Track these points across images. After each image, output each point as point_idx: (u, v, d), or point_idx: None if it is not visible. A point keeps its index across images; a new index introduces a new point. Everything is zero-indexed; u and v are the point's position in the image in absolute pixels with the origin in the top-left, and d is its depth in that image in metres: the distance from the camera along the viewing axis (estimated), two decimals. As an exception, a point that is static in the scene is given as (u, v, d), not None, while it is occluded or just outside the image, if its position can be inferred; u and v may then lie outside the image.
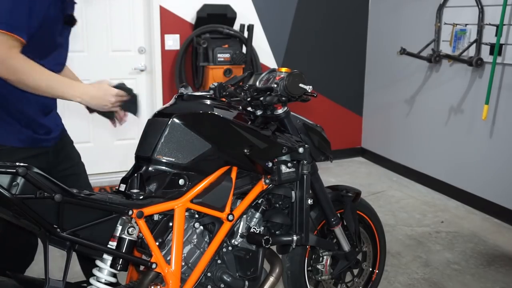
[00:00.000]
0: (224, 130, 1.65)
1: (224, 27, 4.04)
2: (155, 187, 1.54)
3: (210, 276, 1.70)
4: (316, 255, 2.10)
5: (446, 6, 3.93)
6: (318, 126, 1.98)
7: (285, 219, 1.82)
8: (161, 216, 1.58)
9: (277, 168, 1.76)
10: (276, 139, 1.76)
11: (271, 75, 1.83)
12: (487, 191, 3.68)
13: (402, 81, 4.50)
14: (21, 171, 1.25)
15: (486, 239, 3.27)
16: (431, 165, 4.22)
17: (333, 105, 4.89)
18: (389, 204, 3.87)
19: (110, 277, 1.50)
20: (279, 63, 4.56)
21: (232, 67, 3.94)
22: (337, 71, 4.86)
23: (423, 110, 4.29)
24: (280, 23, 4.52)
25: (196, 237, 1.67)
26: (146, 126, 1.64)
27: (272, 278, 1.81)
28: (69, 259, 1.40)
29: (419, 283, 2.70)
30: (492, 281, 2.73)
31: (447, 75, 4.00)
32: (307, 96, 1.79)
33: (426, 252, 3.06)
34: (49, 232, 1.37)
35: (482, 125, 3.68)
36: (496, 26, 3.45)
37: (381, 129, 4.87)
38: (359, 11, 4.84)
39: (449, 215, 3.67)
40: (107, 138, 4.13)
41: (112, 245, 1.48)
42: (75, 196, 1.38)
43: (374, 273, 2.35)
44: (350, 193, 2.14)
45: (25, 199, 1.28)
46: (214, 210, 1.64)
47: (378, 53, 4.82)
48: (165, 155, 1.55)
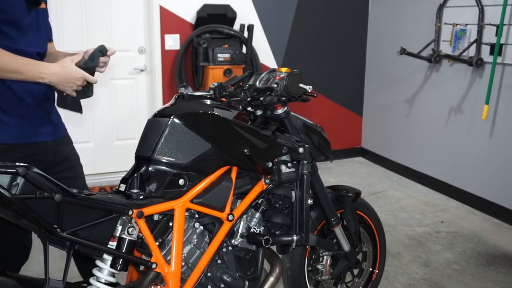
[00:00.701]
0: (224, 130, 1.65)
1: (224, 27, 4.04)
2: (155, 187, 1.54)
3: (210, 276, 1.70)
4: (316, 255, 2.10)
5: (446, 6, 3.93)
6: (318, 126, 1.98)
7: (285, 219, 1.82)
8: (161, 216, 1.58)
9: (277, 168, 1.76)
10: (276, 139, 1.76)
11: (271, 75, 1.83)
12: (487, 191, 3.68)
13: (402, 81, 4.50)
14: (21, 171, 1.25)
15: (486, 239, 3.27)
16: (431, 165, 4.22)
17: (333, 105, 4.89)
18: (389, 204, 3.87)
19: (110, 277, 1.50)
20: (279, 63, 4.56)
21: (232, 67, 3.94)
22: (337, 71, 4.86)
23: (423, 110, 4.29)
24: (280, 23, 4.52)
25: (196, 237, 1.67)
26: (146, 126, 1.64)
27: (272, 278, 1.81)
28: (69, 259, 1.40)
29: (419, 283, 2.70)
30: (492, 281, 2.73)
31: (447, 75, 4.00)
32: (307, 96, 1.79)
33: (426, 252, 3.06)
34: (49, 232, 1.37)
35: (482, 125, 3.68)
36: (496, 26, 3.45)
37: (381, 129, 4.87)
38: (359, 11, 4.84)
39: (449, 215, 3.67)
40: (107, 138, 4.13)
41: (112, 245, 1.48)
42: (75, 196, 1.38)
43: (374, 273, 2.36)
44: (350, 193, 2.14)
45: (25, 199, 1.28)
46: (214, 210, 1.64)
47: (378, 53, 4.82)
48: (165, 155, 1.55)
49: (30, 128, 1.70)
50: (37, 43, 1.72)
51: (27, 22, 1.66)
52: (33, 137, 1.71)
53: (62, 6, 3.85)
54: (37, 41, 1.72)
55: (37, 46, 1.71)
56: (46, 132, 1.76)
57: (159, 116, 1.62)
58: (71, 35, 3.91)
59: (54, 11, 3.84)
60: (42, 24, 1.75)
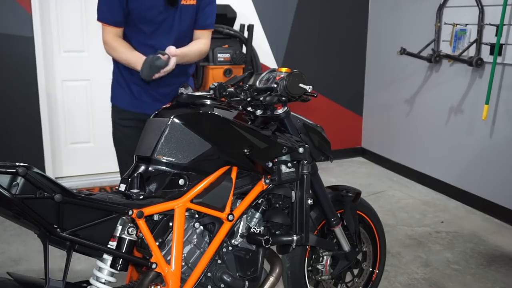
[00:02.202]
0: (224, 130, 1.65)
1: (224, 27, 4.04)
2: (155, 187, 1.54)
3: (210, 276, 1.70)
4: (316, 255, 2.10)
5: (446, 6, 3.93)
6: (318, 126, 1.98)
7: (285, 219, 1.82)
8: (161, 216, 1.58)
9: (277, 168, 1.77)
10: (276, 139, 1.76)
11: (271, 75, 1.83)
12: (487, 191, 3.68)
13: (402, 81, 4.50)
14: (21, 171, 1.25)
15: (486, 239, 3.27)
16: (431, 165, 4.22)
17: (333, 105, 4.89)
18: (389, 204, 3.87)
19: (110, 277, 1.50)
20: (279, 63, 4.56)
21: (232, 67, 3.94)
22: (337, 71, 4.86)
23: (423, 110, 4.29)
24: (280, 23, 4.52)
25: (196, 237, 1.67)
26: (146, 126, 1.64)
27: (272, 278, 1.81)
28: (69, 259, 1.40)
29: (419, 283, 2.70)
30: (492, 281, 2.73)
31: (447, 75, 4.00)
32: (307, 96, 1.79)
33: (426, 252, 3.06)
34: (49, 232, 1.37)
35: (482, 125, 3.68)
36: (496, 26, 3.45)
37: (381, 129, 4.87)
38: (359, 11, 4.84)
39: (449, 215, 3.67)
40: (107, 138, 4.11)
41: (112, 245, 1.48)
42: (75, 196, 1.38)
43: (374, 273, 2.35)
44: (350, 193, 2.14)
45: (25, 199, 1.28)
46: (214, 210, 1.64)
47: (378, 53, 4.82)
48: (165, 155, 1.55)
49: (140, 101, 2.23)
50: (168, 39, 2.10)
51: (160, 19, 2.08)
52: (143, 108, 2.21)
53: (62, 6, 3.85)
54: (173, 34, 2.12)
55: (170, 38, 2.11)
56: (154, 107, 1.99)
57: (159, 116, 1.62)
58: (71, 35, 3.91)
59: (54, 11, 3.84)
60: (181, 19, 2.10)
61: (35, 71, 3.77)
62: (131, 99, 2.24)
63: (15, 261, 2.85)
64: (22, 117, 3.81)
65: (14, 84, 3.75)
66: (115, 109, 2.31)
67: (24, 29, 3.70)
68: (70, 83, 3.98)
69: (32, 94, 3.80)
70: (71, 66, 3.96)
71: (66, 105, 4.02)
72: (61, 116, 3.99)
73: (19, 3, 3.66)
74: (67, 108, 4.03)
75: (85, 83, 4.02)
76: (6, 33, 3.65)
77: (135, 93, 2.23)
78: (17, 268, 2.75)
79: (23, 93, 3.78)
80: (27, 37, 3.71)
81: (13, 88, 3.75)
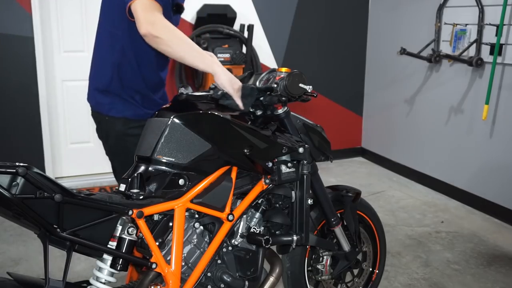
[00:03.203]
0: (224, 130, 1.65)
1: (224, 27, 4.04)
2: (155, 187, 1.54)
3: (210, 276, 1.70)
4: (316, 255, 2.10)
5: (446, 6, 3.93)
6: (318, 126, 1.98)
7: (285, 219, 1.82)
8: (161, 216, 1.58)
9: (277, 168, 1.76)
10: (276, 139, 1.76)
11: (271, 75, 1.83)
12: (487, 191, 3.68)
13: (402, 81, 4.50)
14: (21, 171, 1.25)
15: (486, 239, 3.27)
16: (431, 165, 4.23)
17: (333, 105, 4.89)
18: (389, 204, 3.87)
19: (110, 277, 1.50)
20: (279, 63, 4.56)
21: (232, 67, 3.94)
22: (337, 71, 4.86)
23: (423, 110, 4.29)
24: (280, 23, 4.52)
25: (196, 237, 1.67)
26: (146, 126, 1.64)
27: (272, 278, 1.81)
28: (69, 259, 1.40)
29: (419, 283, 2.70)
30: (492, 281, 2.73)
31: (447, 75, 4.00)
32: (307, 96, 1.78)
33: (426, 252, 3.06)
34: (49, 232, 1.37)
35: (482, 125, 3.68)
36: (496, 26, 3.45)
37: (381, 129, 4.87)
38: (359, 11, 4.84)
39: (449, 215, 3.67)
40: (107, 138, 4.13)
41: (112, 245, 1.48)
42: (75, 196, 1.38)
43: (374, 273, 2.35)
44: (350, 193, 2.13)
45: (25, 199, 1.28)
46: (214, 210, 1.63)
47: (378, 53, 4.82)
48: (165, 155, 1.55)
49: (143, 108, 2.00)
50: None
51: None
52: (146, 115, 1.95)
53: (62, 6, 3.85)
54: None
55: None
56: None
57: (159, 116, 1.62)
58: (71, 35, 3.91)
59: (54, 11, 3.84)
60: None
61: (35, 71, 3.78)
62: (137, 108, 2.04)
63: (15, 261, 2.85)
64: (22, 117, 3.81)
65: (14, 84, 3.75)
66: (122, 121, 2.02)
67: (24, 29, 3.70)
68: (70, 83, 3.98)
69: (32, 94, 3.80)
70: (71, 66, 3.97)
71: (66, 105, 4.02)
72: (61, 116, 4.00)
73: (19, 3, 3.66)
74: (67, 108, 4.03)
75: (85, 83, 3.94)
76: (6, 33, 3.66)
77: (139, 101, 2.05)
78: (17, 268, 2.75)
79: (23, 93, 3.78)
80: (27, 37, 3.71)
81: (13, 88, 3.76)
